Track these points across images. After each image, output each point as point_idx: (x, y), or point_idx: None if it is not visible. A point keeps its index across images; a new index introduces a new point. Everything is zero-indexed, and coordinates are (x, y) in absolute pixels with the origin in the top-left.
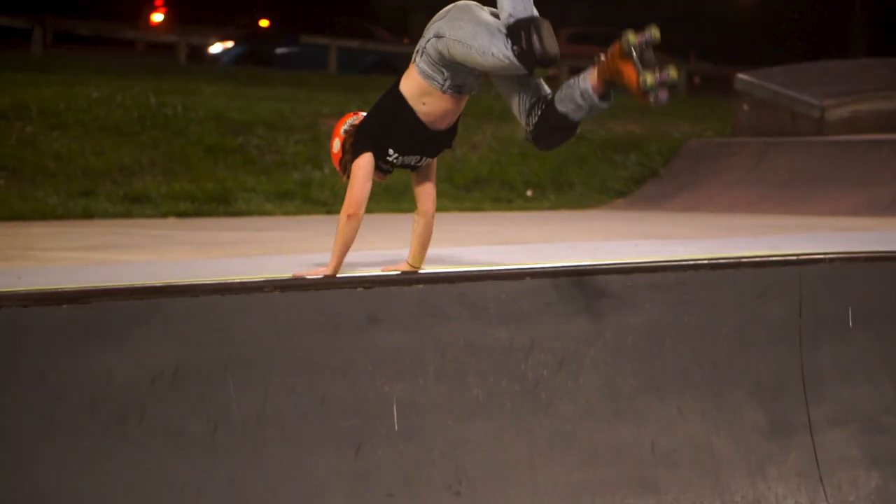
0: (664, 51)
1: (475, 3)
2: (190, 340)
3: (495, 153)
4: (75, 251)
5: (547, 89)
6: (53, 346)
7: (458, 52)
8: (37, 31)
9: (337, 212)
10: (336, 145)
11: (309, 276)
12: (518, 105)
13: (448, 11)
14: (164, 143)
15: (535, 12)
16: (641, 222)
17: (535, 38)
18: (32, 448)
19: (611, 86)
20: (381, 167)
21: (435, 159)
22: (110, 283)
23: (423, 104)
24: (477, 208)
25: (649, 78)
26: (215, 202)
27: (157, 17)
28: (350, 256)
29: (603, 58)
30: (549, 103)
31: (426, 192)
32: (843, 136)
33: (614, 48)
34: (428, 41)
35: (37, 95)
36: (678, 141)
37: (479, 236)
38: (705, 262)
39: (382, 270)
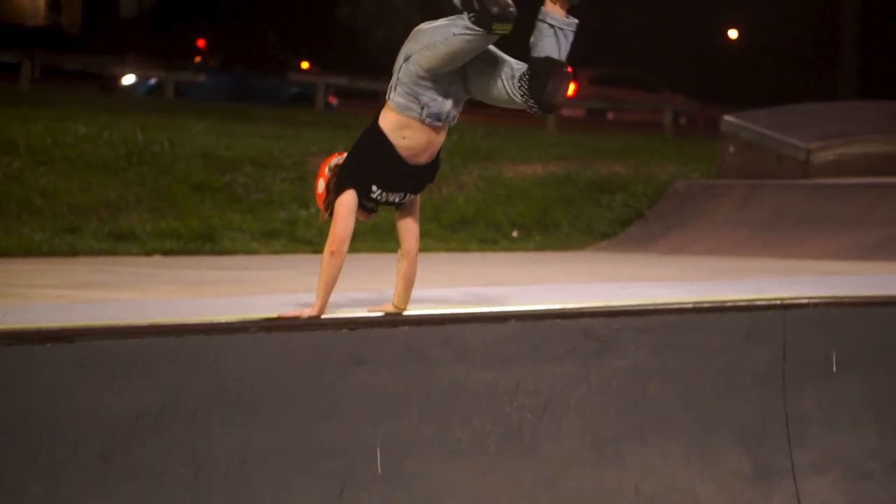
0: (654, 89)
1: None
2: (175, 380)
3: (482, 193)
4: (61, 289)
5: (522, 63)
6: (38, 384)
7: (429, 57)
8: (25, 65)
9: (322, 251)
10: (321, 185)
11: (294, 317)
12: (505, 88)
13: (411, 35)
14: (150, 180)
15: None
16: (627, 264)
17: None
18: (16, 486)
19: None
20: (365, 205)
21: (418, 197)
22: (95, 322)
23: (403, 138)
24: (463, 248)
25: None
26: (201, 240)
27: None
28: (335, 297)
29: None
30: (529, 61)
31: (409, 230)
32: (829, 178)
33: None
34: (399, 69)
35: (24, 130)
36: (664, 182)
37: (465, 277)
38: (690, 305)
39: (368, 311)
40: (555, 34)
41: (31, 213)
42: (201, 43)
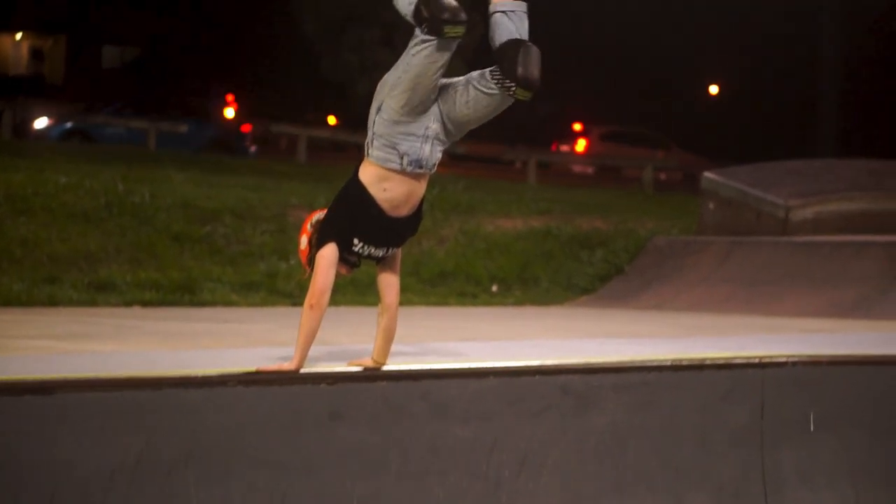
0: (641, 143)
1: None
2: (152, 434)
3: (462, 247)
4: (39, 339)
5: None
6: (15, 436)
7: (399, 93)
8: (6, 114)
9: (302, 304)
10: (303, 241)
11: (274, 371)
12: (479, 89)
13: (376, 91)
14: (130, 230)
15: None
16: (606, 320)
17: (431, 4)
18: None
19: None
20: (348, 259)
21: (399, 252)
22: (74, 374)
23: (384, 190)
24: (442, 303)
25: None
26: (181, 291)
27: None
28: (314, 351)
29: None
30: (494, 53)
31: (390, 285)
32: (807, 236)
33: None
34: (374, 123)
35: (4, 180)
36: (644, 238)
37: (444, 332)
38: (669, 363)
39: (348, 365)
40: (508, 19)
41: (11, 263)
42: (230, 97)
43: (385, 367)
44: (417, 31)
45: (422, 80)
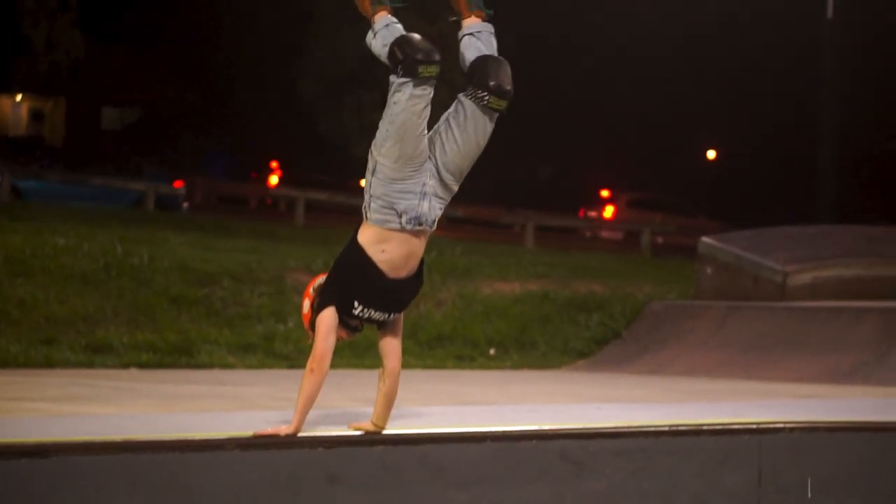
0: (689, 213)
1: None
2: (149, 497)
3: (459, 311)
4: (36, 402)
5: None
6: (11, 500)
7: (388, 148)
8: (5, 176)
9: (300, 367)
10: (306, 305)
11: (271, 435)
12: (461, 114)
13: (368, 158)
14: (128, 292)
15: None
16: (603, 384)
17: (405, 46)
18: None
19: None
20: (349, 323)
21: (401, 316)
22: (70, 438)
23: (383, 251)
24: (440, 366)
25: None
26: (178, 353)
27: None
28: (312, 414)
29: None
30: (465, 72)
31: (392, 350)
32: (804, 301)
33: None
34: (370, 185)
35: (2, 241)
36: (641, 302)
37: (442, 396)
38: (666, 428)
39: (348, 428)
40: (476, 39)
41: (8, 324)
42: (274, 163)
43: (384, 431)
44: (392, 77)
45: (408, 127)
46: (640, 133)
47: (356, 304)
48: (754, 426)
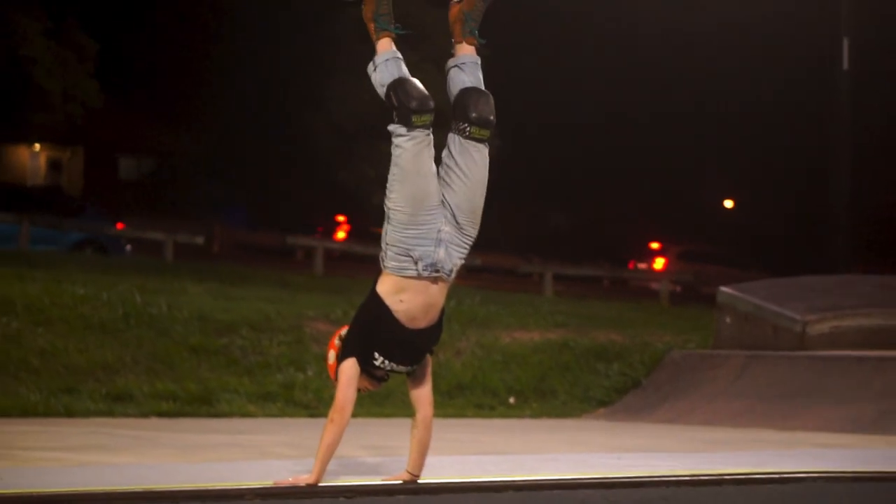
0: (742, 265)
1: None
2: None
3: (478, 359)
4: (56, 451)
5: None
6: None
7: (395, 195)
8: (23, 226)
9: (320, 415)
10: (331, 356)
11: (291, 485)
12: (453, 152)
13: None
14: (148, 341)
15: (404, 73)
16: (624, 433)
17: (400, 92)
18: None
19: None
20: (374, 374)
21: (429, 364)
22: (91, 488)
23: (401, 301)
24: (459, 415)
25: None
26: (198, 402)
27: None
28: (332, 464)
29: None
30: (451, 107)
31: (423, 398)
32: (824, 351)
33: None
34: (385, 234)
35: (22, 291)
36: (661, 351)
37: (462, 445)
38: (687, 478)
39: (383, 480)
40: (461, 70)
41: (28, 374)
42: (341, 217)
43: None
44: (390, 125)
45: (412, 170)
46: (660, 183)
47: (376, 355)
48: (776, 476)
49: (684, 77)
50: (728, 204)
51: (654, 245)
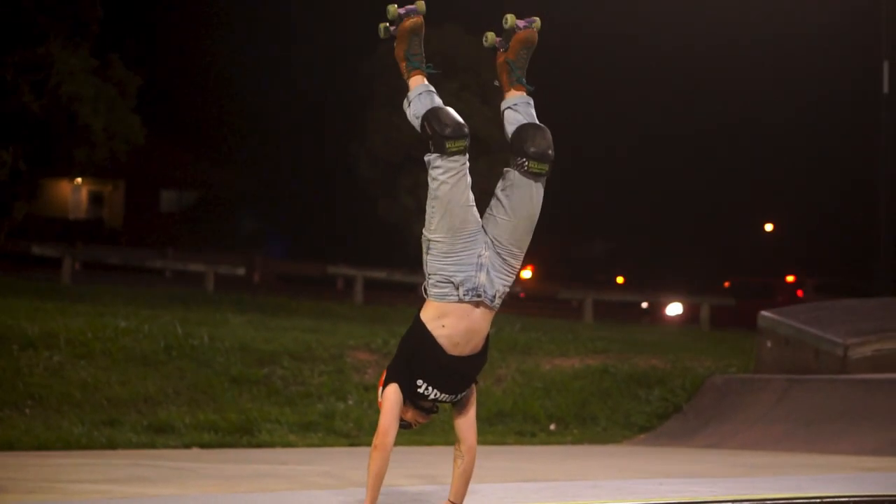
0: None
1: None
2: None
3: (519, 386)
4: (100, 483)
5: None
6: None
7: (435, 225)
8: (66, 259)
9: (361, 444)
10: (380, 393)
11: None
12: (505, 187)
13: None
14: (189, 373)
15: (438, 104)
16: (665, 459)
17: (433, 121)
18: None
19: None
20: (421, 406)
21: (474, 395)
22: None
23: (443, 326)
24: (500, 442)
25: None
26: (239, 433)
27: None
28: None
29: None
30: (509, 144)
31: (467, 427)
32: (866, 374)
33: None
34: (426, 264)
35: (65, 325)
36: (702, 376)
37: (503, 472)
38: (730, 503)
39: None
40: (515, 111)
41: (71, 406)
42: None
43: None
44: (427, 155)
45: (451, 199)
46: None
47: (420, 382)
48: (818, 500)
49: (722, 93)
50: (768, 227)
51: (789, 278)
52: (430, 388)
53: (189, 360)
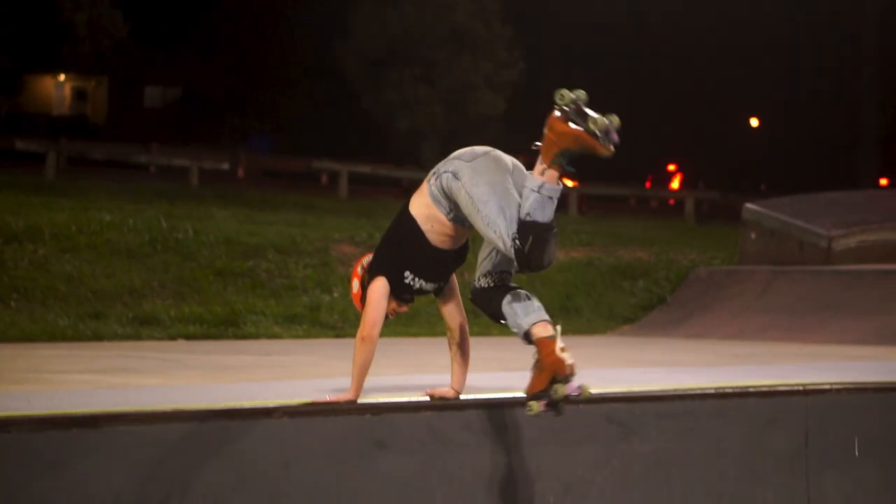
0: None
1: (506, 161)
2: (197, 466)
3: None
4: (85, 374)
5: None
6: (62, 469)
7: (464, 203)
8: (51, 154)
9: (346, 335)
10: (355, 285)
11: (331, 402)
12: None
13: (476, 158)
14: (174, 266)
15: (553, 220)
16: (649, 349)
17: (540, 247)
18: None
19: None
20: (401, 296)
21: (455, 281)
22: (120, 408)
23: (431, 227)
24: (485, 333)
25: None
26: (224, 325)
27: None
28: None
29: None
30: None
31: (453, 310)
32: (850, 265)
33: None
34: (445, 172)
35: (49, 219)
36: (686, 268)
37: (487, 362)
38: (712, 391)
39: (426, 394)
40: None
41: (56, 300)
42: (672, 166)
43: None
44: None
45: (474, 226)
46: (686, 104)
47: (407, 273)
48: (801, 388)
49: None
50: (753, 122)
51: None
52: (416, 279)
53: (174, 254)
